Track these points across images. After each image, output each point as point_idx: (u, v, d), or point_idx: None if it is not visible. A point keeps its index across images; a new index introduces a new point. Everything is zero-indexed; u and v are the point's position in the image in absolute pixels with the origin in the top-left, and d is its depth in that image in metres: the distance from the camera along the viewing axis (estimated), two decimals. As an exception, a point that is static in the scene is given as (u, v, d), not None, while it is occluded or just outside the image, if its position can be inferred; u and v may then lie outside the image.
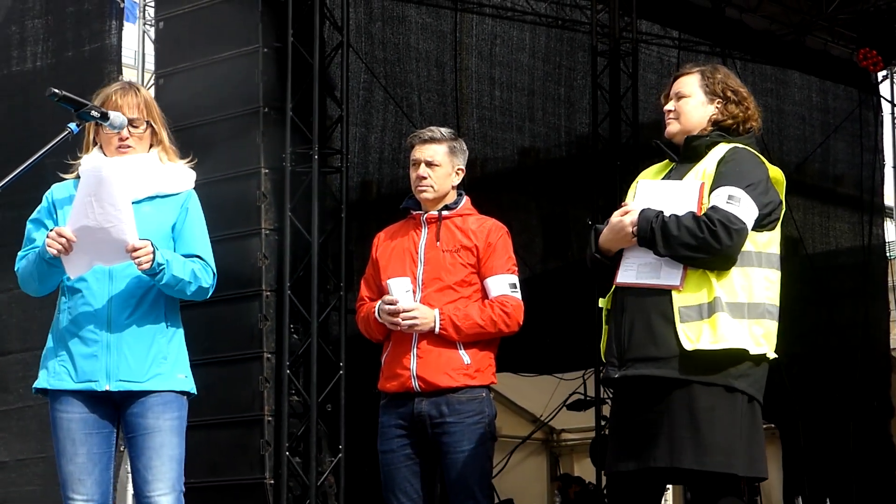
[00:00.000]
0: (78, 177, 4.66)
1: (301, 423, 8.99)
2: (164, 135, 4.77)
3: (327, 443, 9.10)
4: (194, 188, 4.84)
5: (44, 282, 4.66)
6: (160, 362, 4.60)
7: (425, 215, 5.54)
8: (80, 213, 4.48)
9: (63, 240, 4.48)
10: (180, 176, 4.78)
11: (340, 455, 9.05)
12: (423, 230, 5.54)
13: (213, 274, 4.74)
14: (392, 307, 5.36)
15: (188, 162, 4.84)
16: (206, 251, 4.76)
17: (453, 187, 5.57)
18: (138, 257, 4.46)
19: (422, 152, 5.54)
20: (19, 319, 9.57)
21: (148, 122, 4.73)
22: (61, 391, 4.60)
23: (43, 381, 4.64)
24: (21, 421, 9.41)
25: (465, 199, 5.60)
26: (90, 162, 4.60)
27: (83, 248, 4.50)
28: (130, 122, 4.66)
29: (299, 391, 9.01)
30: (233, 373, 8.98)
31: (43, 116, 9.48)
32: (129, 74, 11.77)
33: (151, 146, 4.75)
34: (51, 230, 4.54)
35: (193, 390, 4.72)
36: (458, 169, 5.56)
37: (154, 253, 4.48)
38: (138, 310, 4.60)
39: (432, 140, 5.54)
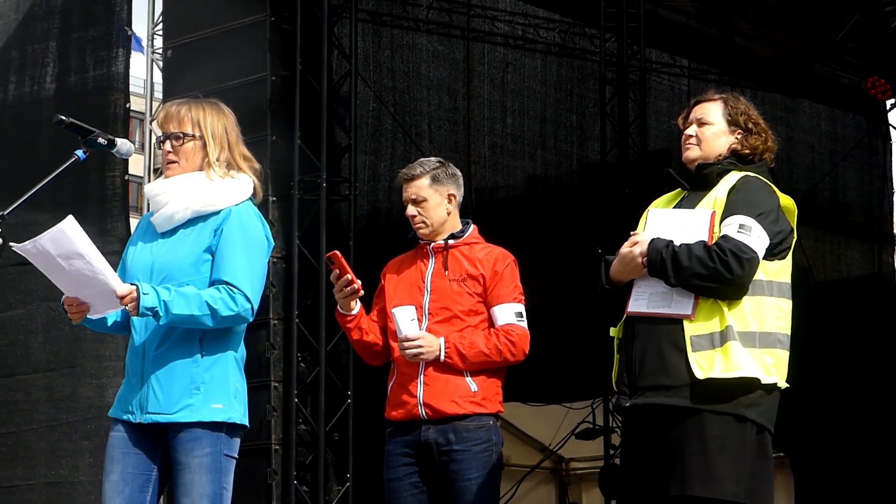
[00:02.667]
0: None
1: (309, 451, 8.97)
2: (212, 151, 4.59)
3: (335, 472, 9.08)
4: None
5: (102, 330, 4.67)
6: (192, 393, 4.45)
7: (432, 245, 5.51)
8: (56, 276, 4.35)
9: (74, 307, 4.44)
10: (221, 192, 4.55)
11: (348, 484, 9.03)
12: (430, 260, 5.51)
13: (246, 298, 4.48)
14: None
15: (250, 174, 4.66)
16: (236, 275, 4.47)
17: (449, 213, 5.51)
18: (125, 304, 4.34)
19: (406, 191, 5.51)
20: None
21: (195, 137, 4.58)
22: (114, 418, 4.59)
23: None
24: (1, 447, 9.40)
25: (473, 228, 5.56)
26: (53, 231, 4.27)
27: (87, 298, 4.43)
28: (172, 136, 4.57)
29: (307, 420, 8.99)
30: (240, 401, 8.94)
31: (38, 141, 9.46)
32: (137, 103, 11.78)
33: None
34: (62, 304, 4.49)
35: (236, 419, 4.54)
36: (450, 195, 5.49)
37: (140, 298, 4.31)
38: (167, 341, 4.47)
39: (412, 178, 5.49)
